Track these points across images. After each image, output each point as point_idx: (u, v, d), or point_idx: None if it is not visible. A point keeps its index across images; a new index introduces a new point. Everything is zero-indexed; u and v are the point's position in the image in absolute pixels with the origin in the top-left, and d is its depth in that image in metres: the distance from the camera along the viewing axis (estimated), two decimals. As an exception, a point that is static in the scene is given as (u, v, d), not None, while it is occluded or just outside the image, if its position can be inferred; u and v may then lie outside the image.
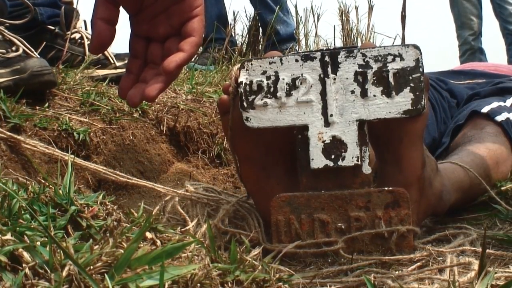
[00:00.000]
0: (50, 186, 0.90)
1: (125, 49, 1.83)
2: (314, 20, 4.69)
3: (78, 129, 1.52)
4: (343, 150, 1.07)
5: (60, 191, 0.88)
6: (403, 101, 1.06)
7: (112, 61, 2.00)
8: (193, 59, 3.48)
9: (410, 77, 1.05)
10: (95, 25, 0.99)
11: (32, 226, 0.74)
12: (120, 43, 1.47)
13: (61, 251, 0.65)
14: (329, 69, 1.07)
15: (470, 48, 4.96)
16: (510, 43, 4.77)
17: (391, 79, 1.06)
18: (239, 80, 1.10)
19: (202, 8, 1.03)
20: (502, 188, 1.39)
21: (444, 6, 5.15)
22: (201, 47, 3.35)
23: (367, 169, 1.08)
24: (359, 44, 3.96)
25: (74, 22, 2.06)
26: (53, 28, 2.04)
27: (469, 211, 1.37)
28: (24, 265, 0.64)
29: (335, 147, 1.07)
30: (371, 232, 1.04)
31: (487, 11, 4.92)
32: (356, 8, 4.80)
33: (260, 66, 1.09)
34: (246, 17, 3.94)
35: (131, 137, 1.68)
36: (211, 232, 0.87)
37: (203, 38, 1.05)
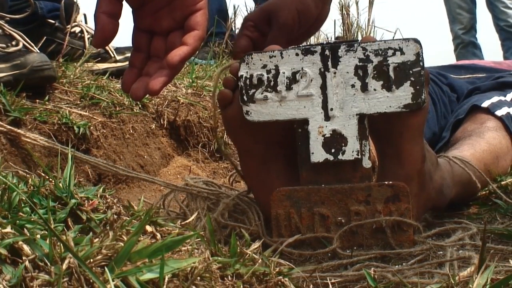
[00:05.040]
0: (50, 179, 0.90)
1: (125, 43, 1.83)
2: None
3: (78, 123, 1.52)
4: (343, 144, 1.07)
5: (60, 184, 0.88)
6: (403, 95, 1.06)
7: (112, 55, 1.99)
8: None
9: (411, 71, 1.05)
10: (98, 19, 0.98)
11: (32, 219, 0.74)
12: (120, 36, 1.47)
13: (61, 244, 0.65)
14: (330, 63, 1.07)
15: (461, 42, 5.03)
16: (504, 38, 4.82)
17: (391, 73, 1.05)
18: (239, 73, 1.10)
19: (205, 2, 1.02)
20: (503, 183, 1.39)
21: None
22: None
23: (367, 163, 1.08)
24: (360, 38, 3.94)
25: (74, 15, 2.06)
26: (53, 22, 2.04)
27: (469, 205, 1.37)
28: (24, 258, 0.64)
29: (335, 141, 1.07)
30: (370, 226, 1.04)
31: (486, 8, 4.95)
32: (357, 2, 4.80)
33: (260, 59, 1.09)
34: (247, 11, 3.93)
35: (131, 131, 1.68)
36: (211, 225, 0.87)
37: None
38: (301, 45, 1.12)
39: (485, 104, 1.60)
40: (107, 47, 1.99)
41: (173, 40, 1.03)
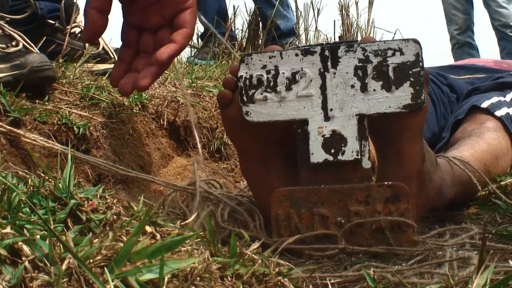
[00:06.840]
0: (50, 179, 0.90)
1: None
2: (314, 14, 4.69)
3: (78, 123, 1.51)
4: (343, 145, 1.07)
5: (60, 185, 0.88)
6: (403, 95, 1.06)
7: (112, 56, 1.99)
8: (192, 54, 3.47)
9: (410, 72, 1.05)
10: (88, 14, 1.00)
11: (32, 219, 0.74)
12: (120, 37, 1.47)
13: (61, 245, 0.65)
14: (329, 64, 1.07)
15: (457, 42, 5.07)
16: (500, 38, 4.84)
17: (391, 74, 1.06)
18: (239, 74, 1.10)
19: (194, 0, 1.03)
20: (502, 183, 1.39)
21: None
22: (201, 42, 3.35)
23: (367, 163, 1.08)
24: (359, 38, 3.94)
25: (74, 16, 2.05)
26: (53, 22, 2.04)
27: (469, 205, 1.37)
28: (23, 258, 0.64)
29: (335, 141, 1.07)
30: (370, 226, 1.04)
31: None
32: (356, 2, 4.79)
33: (260, 60, 1.09)
34: (246, 11, 3.93)
35: (131, 131, 1.68)
36: (211, 226, 0.87)
37: (204, 33, 1.05)
38: (300, 46, 1.12)
39: (485, 104, 1.60)
40: (106, 48, 1.99)
41: (161, 37, 1.04)
